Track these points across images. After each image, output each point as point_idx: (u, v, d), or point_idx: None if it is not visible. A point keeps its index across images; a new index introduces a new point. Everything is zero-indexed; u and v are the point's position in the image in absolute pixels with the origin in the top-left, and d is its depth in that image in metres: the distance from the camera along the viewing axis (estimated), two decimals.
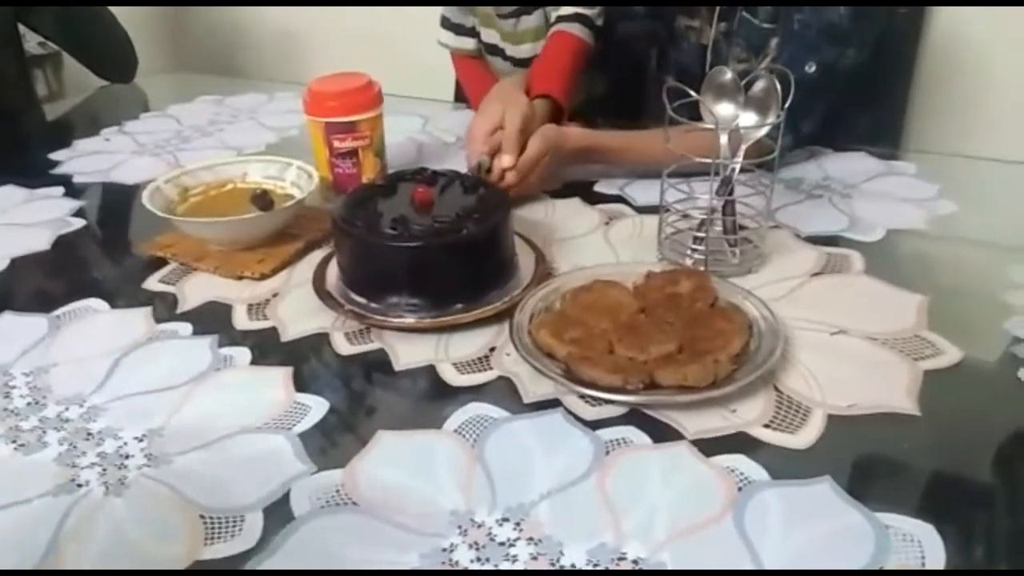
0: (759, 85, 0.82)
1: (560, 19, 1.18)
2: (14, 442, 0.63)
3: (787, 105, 0.78)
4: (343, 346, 0.74)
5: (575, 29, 1.16)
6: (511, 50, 1.27)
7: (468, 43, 1.29)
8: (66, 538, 0.54)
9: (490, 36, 1.28)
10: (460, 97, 1.48)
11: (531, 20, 1.24)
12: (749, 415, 0.63)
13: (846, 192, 1.01)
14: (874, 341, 0.71)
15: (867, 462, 0.60)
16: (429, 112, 1.35)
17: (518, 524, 0.54)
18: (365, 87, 1.00)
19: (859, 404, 0.64)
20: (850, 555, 0.51)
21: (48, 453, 0.62)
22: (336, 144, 0.99)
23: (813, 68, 0.98)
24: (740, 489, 0.56)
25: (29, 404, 0.67)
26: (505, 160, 0.96)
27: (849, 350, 0.71)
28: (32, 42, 1.73)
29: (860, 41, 1.00)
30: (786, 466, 0.58)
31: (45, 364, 0.72)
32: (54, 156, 1.23)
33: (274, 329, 0.77)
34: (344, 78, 1.01)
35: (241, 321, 0.78)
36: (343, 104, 0.98)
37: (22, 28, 1.49)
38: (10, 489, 0.58)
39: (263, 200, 0.89)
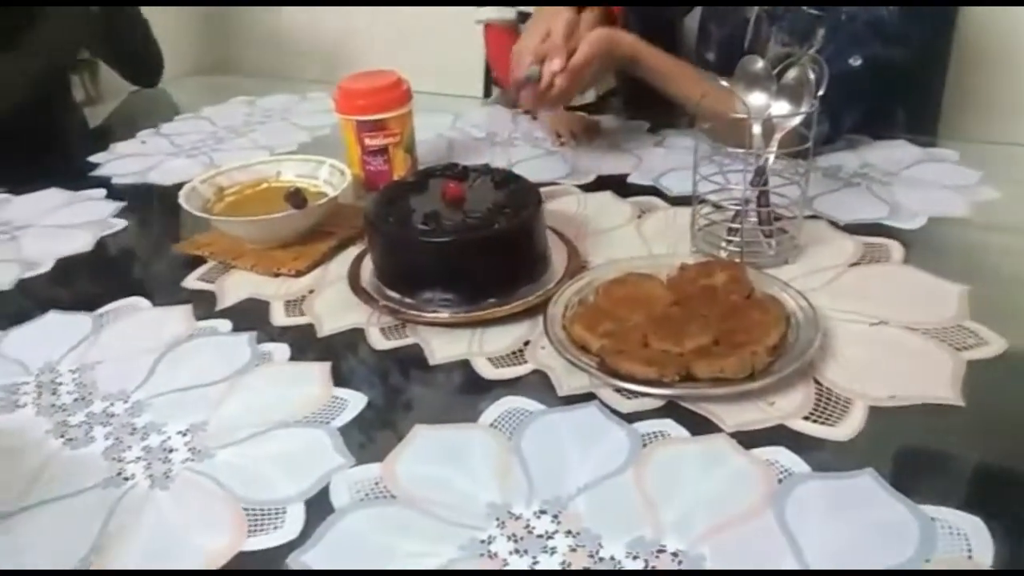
0: (792, 74, 0.81)
1: None
2: (62, 436, 0.64)
3: (822, 95, 0.77)
4: (379, 341, 0.75)
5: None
6: None
7: (509, 12, 1.28)
8: (114, 530, 0.55)
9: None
10: (489, 92, 1.48)
11: None
12: (788, 407, 0.62)
13: (886, 180, 0.99)
14: (915, 331, 0.70)
15: (910, 454, 0.59)
16: (459, 108, 1.36)
17: (556, 517, 0.54)
18: (394, 85, 1.00)
19: (901, 395, 0.63)
20: (894, 548, 0.50)
21: (95, 447, 0.63)
22: (367, 141, 1.00)
23: (859, 62, 0.96)
24: (780, 482, 0.55)
25: (76, 400, 0.69)
26: (554, 64, 0.94)
27: (890, 341, 0.70)
28: None
29: (908, 42, 0.97)
30: (827, 458, 0.57)
31: (90, 361, 0.74)
32: (93, 159, 1.26)
33: (311, 325, 0.78)
34: (374, 76, 1.01)
35: (279, 317, 0.79)
36: (373, 102, 0.99)
37: None
38: (60, 482, 0.60)
39: (297, 198, 0.90)
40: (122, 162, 1.24)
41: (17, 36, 1.25)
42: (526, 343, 0.72)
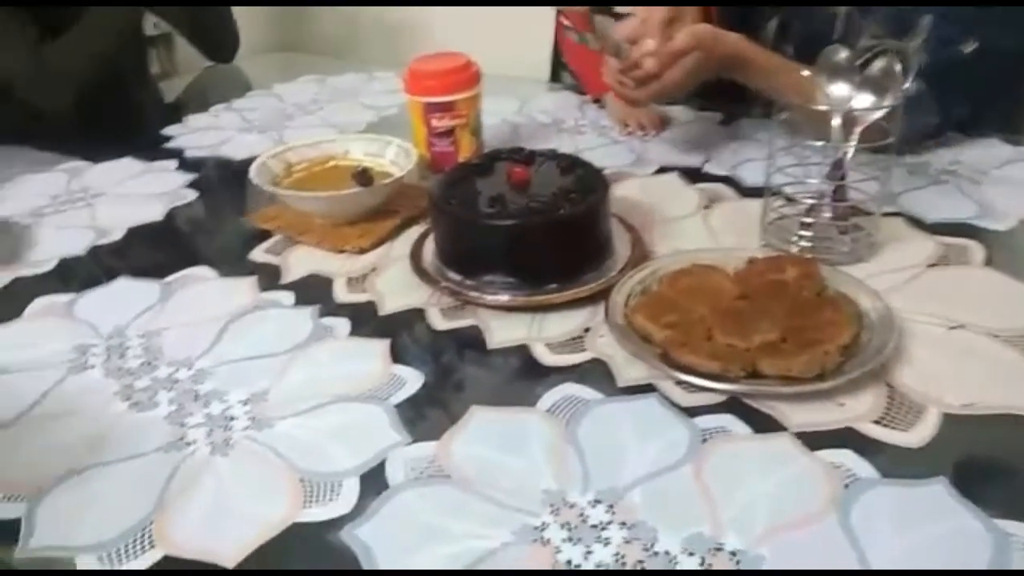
0: (877, 65, 0.77)
1: None
2: (128, 399, 0.66)
3: (928, 85, 0.74)
4: (438, 321, 0.74)
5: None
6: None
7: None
8: (173, 493, 0.56)
9: None
10: (556, 76, 1.46)
11: None
12: (858, 409, 0.60)
13: (975, 178, 0.95)
14: (996, 338, 0.67)
15: (986, 465, 0.57)
16: (526, 93, 1.35)
17: (611, 507, 0.53)
18: (463, 67, 1.00)
19: (978, 403, 0.60)
20: (965, 560, 0.48)
21: (159, 412, 0.64)
22: (434, 123, 1.00)
23: (970, 48, 0.90)
24: (847, 486, 0.53)
25: (142, 364, 0.70)
26: (647, 44, 0.89)
27: (968, 346, 0.67)
28: (148, 23, 1.81)
29: (1020, 29, 0.91)
30: (897, 465, 0.55)
31: (157, 327, 0.76)
32: (167, 131, 1.28)
33: (372, 302, 0.78)
34: (443, 58, 1.01)
35: (341, 293, 0.80)
36: (442, 83, 0.98)
37: None
38: (125, 444, 0.61)
39: (363, 177, 0.91)
40: (195, 135, 1.27)
41: (72, 18, 1.29)
42: (586, 330, 0.71)
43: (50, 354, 0.72)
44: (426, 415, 0.63)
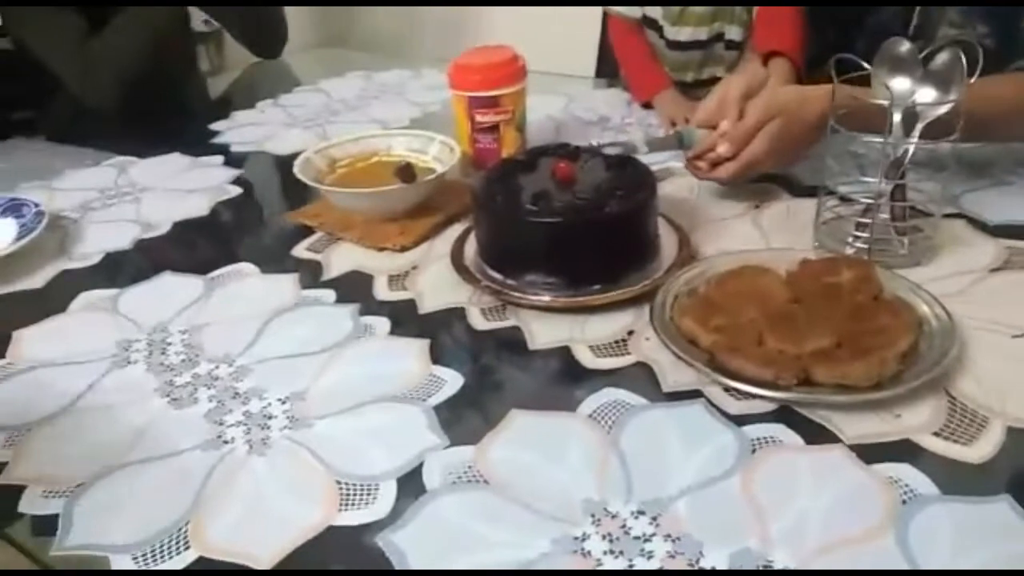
0: (941, 58, 0.74)
1: None
2: (168, 396, 0.66)
3: (972, 80, 0.70)
4: (479, 321, 0.73)
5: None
6: (668, 31, 1.22)
7: (636, 11, 1.24)
8: (211, 492, 0.56)
9: (652, 11, 1.23)
10: (602, 71, 1.44)
11: (699, 8, 1.19)
12: (916, 421, 0.57)
13: None
14: None
15: None
16: (571, 90, 1.33)
17: (655, 519, 0.51)
18: (509, 61, 0.98)
19: None
20: None
21: (198, 409, 0.64)
22: (478, 118, 0.98)
23: None
24: (904, 502, 0.51)
25: (183, 361, 0.70)
26: (722, 125, 0.84)
27: None
28: (197, 20, 1.83)
29: None
30: (958, 480, 0.52)
31: (199, 323, 0.76)
32: (214, 127, 1.29)
33: (412, 301, 0.77)
34: (489, 52, 1.00)
35: (382, 291, 0.79)
36: (487, 78, 0.97)
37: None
38: (164, 440, 0.61)
39: (406, 173, 0.90)
40: (241, 130, 1.27)
41: (117, 13, 1.30)
42: (630, 333, 0.70)
43: (93, 349, 0.72)
44: (465, 417, 0.62)
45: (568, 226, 0.73)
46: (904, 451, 0.55)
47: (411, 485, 0.55)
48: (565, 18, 1.63)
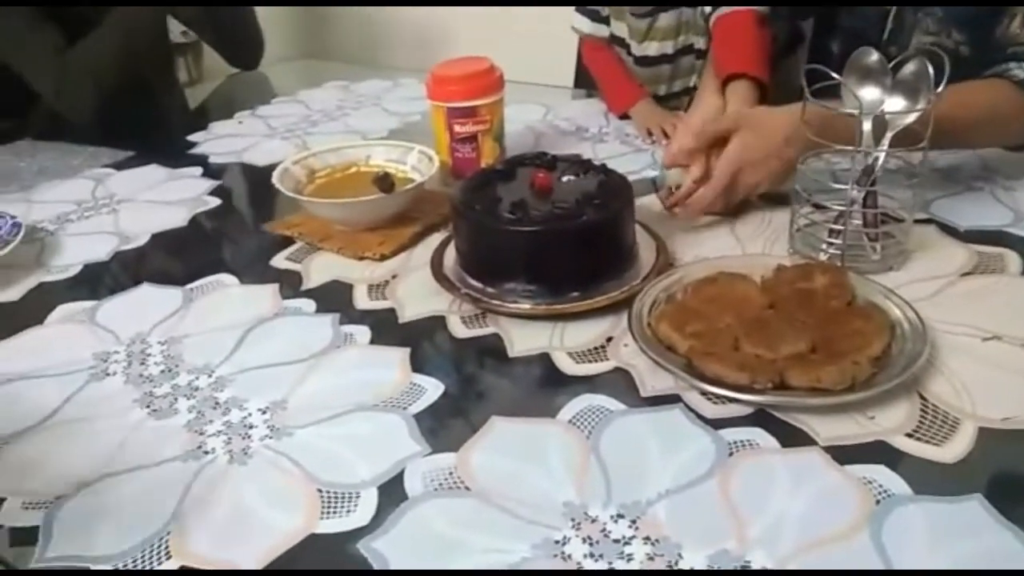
0: (909, 68, 0.75)
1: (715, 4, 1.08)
2: (148, 407, 0.66)
3: (940, 90, 0.72)
4: (459, 329, 0.74)
5: (740, 6, 1.05)
6: (636, 48, 1.24)
7: (603, 31, 1.26)
8: (192, 502, 0.55)
9: (619, 29, 1.25)
10: (580, 82, 1.46)
11: (664, 19, 1.20)
12: (889, 423, 0.58)
13: (1011, 185, 0.93)
14: None
15: None
16: (550, 101, 1.34)
17: (634, 522, 0.52)
18: (487, 71, 0.99)
19: (1016, 417, 0.58)
20: None
21: (178, 419, 0.64)
22: (457, 128, 0.99)
23: None
24: (878, 502, 0.52)
25: (163, 372, 0.70)
26: (692, 173, 0.85)
27: (1004, 358, 0.65)
28: (175, 31, 1.83)
29: None
30: (931, 480, 0.53)
31: (178, 334, 0.75)
32: (192, 138, 1.29)
33: (392, 310, 0.77)
34: (466, 63, 1.01)
35: (362, 301, 0.79)
36: (465, 88, 0.98)
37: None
38: (144, 451, 0.61)
39: (385, 182, 0.91)
40: (219, 142, 1.27)
41: (93, 23, 1.30)
42: (609, 339, 0.70)
43: (72, 361, 0.72)
44: (446, 425, 0.62)
45: (546, 235, 0.74)
46: (878, 452, 0.56)
47: (393, 492, 0.55)
48: (543, 28, 1.64)
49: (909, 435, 0.57)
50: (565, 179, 0.81)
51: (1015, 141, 0.93)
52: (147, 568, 0.51)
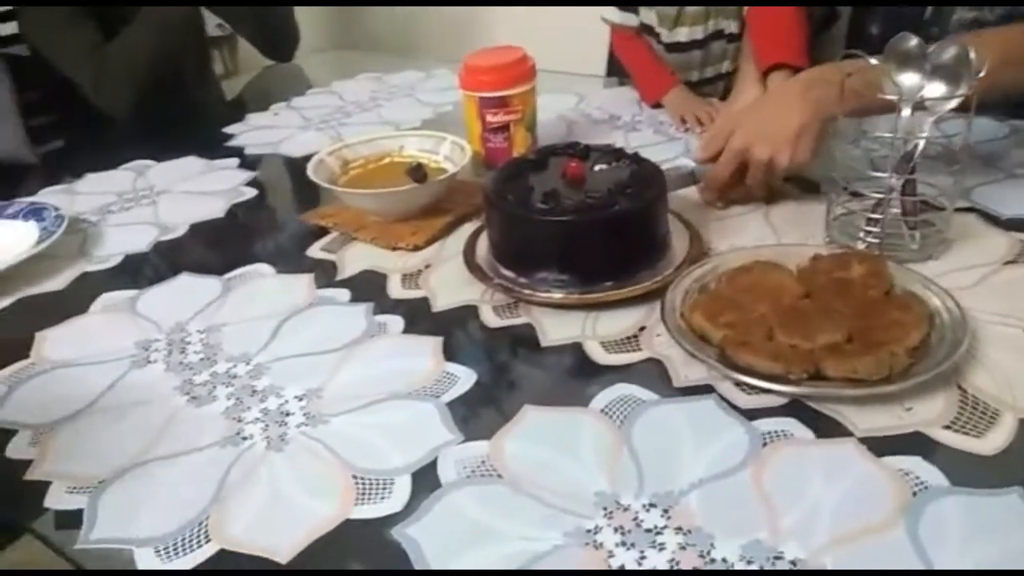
0: (949, 52, 0.74)
1: None
2: (188, 394, 0.67)
3: (982, 74, 0.70)
4: (491, 319, 0.74)
5: None
6: (666, 35, 1.23)
7: (632, 20, 1.25)
8: (230, 487, 0.57)
9: (648, 17, 1.24)
10: (612, 71, 1.45)
11: (694, 7, 1.19)
12: (927, 414, 0.57)
13: None
14: None
15: None
16: (582, 90, 1.33)
17: (666, 511, 0.52)
18: (519, 61, 0.99)
19: None
20: None
21: (217, 406, 0.65)
22: (489, 118, 0.99)
23: None
24: (915, 494, 0.51)
25: (202, 359, 0.71)
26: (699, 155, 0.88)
27: None
28: (211, 24, 1.85)
29: None
30: (969, 473, 0.53)
31: (217, 323, 0.77)
32: (229, 130, 1.31)
33: (425, 299, 0.78)
34: (499, 52, 1.01)
35: (395, 290, 0.80)
36: (497, 78, 0.98)
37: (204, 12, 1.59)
38: (184, 437, 0.62)
39: (418, 173, 0.91)
40: (255, 133, 1.29)
41: (130, 17, 1.32)
42: (641, 329, 0.70)
43: (114, 349, 0.74)
44: (478, 413, 0.62)
45: (579, 224, 0.74)
46: (915, 444, 0.55)
47: (426, 480, 0.56)
48: (575, 17, 1.63)
49: (947, 427, 0.56)
50: (597, 168, 0.81)
51: None
52: (187, 550, 0.52)
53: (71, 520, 0.55)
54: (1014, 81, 0.84)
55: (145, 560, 0.52)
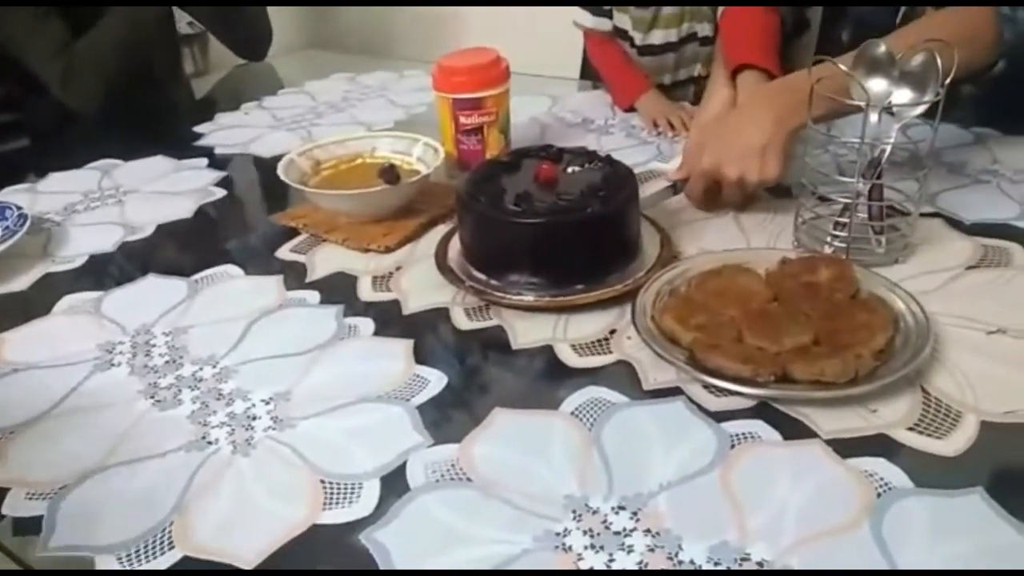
0: (917, 59, 0.75)
1: None
2: (152, 398, 0.66)
3: (947, 80, 0.72)
4: (462, 321, 0.74)
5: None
6: (640, 38, 1.23)
7: (605, 24, 1.25)
8: (195, 492, 0.56)
9: (621, 21, 1.24)
10: (586, 74, 1.45)
11: (669, 8, 1.20)
12: (891, 416, 0.58)
13: (1017, 178, 0.92)
14: None
15: None
16: (556, 92, 1.33)
17: (635, 514, 0.52)
18: (493, 63, 0.99)
19: (1019, 411, 0.58)
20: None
21: (182, 410, 0.64)
22: (462, 120, 0.99)
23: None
24: (879, 495, 0.52)
25: (167, 363, 0.70)
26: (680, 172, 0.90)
27: (1008, 351, 0.64)
28: (182, 22, 1.83)
29: None
30: (932, 474, 0.53)
31: (183, 325, 0.76)
32: (198, 129, 1.29)
33: (396, 301, 0.77)
34: (472, 54, 1.00)
35: (366, 292, 0.79)
36: (470, 79, 0.97)
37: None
38: (148, 442, 0.61)
39: (390, 174, 0.90)
40: (225, 133, 1.27)
41: (99, 15, 1.30)
42: (612, 332, 0.70)
43: (77, 351, 0.72)
44: (449, 416, 0.62)
45: (551, 227, 0.74)
46: (879, 445, 0.56)
47: (395, 484, 0.55)
48: (550, 19, 1.64)
49: (911, 428, 0.57)
50: (570, 171, 0.81)
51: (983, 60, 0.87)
52: (149, 557, 0.51)
53: (30, 527, 0.54)
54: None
55: (106, 568, 0.51)
